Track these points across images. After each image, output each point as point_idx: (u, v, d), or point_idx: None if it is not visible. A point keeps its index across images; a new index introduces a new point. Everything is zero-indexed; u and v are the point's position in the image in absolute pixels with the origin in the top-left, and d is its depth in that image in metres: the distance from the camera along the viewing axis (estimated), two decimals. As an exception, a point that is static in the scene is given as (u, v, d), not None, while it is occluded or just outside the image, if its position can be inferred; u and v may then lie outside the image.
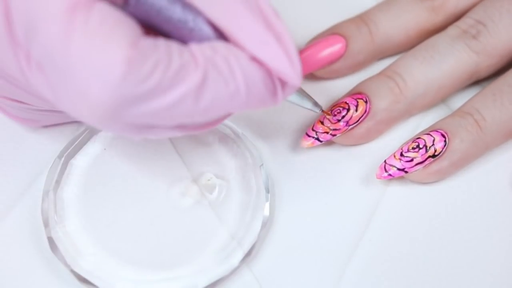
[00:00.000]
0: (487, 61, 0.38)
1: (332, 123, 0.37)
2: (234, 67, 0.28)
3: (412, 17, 0.39)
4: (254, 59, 0.28)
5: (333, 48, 0.39)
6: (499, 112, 0.36)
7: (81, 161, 0.37)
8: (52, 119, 0.37)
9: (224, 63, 0.28)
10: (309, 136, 0.37)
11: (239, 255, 0.35)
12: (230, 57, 0.28)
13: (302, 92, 0.35)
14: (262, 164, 0.37)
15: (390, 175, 0.36)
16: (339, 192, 0.37)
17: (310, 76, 0.40)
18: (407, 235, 0.36)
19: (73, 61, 0.26)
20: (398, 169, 0.36)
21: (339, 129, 0.37)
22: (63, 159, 0.37)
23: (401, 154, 0.36)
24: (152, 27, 0.28)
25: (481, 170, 0.38)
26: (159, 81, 0.26)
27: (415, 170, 0.36)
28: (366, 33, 0.39)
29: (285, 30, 0.28)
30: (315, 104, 0.36)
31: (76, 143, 0.37)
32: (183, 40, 0.28)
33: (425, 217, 0.37)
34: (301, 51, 0.38)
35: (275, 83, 0.29)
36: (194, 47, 0.28)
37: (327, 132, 0.37)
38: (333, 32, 0.39)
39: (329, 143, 0.38)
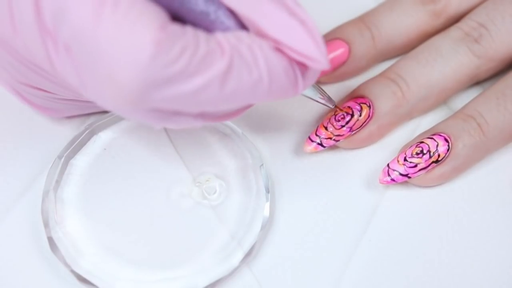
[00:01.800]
0: (487, 65, 0.38)
1: (335, 128, 0.37)
2: (257, 55, 0.28)
3: (414, 21, 0.39)
4: (277, 48, 0.29)
5: (336, 53, 0.38)
6: (503, 117, 0.36)
7: (81, 161, 0.37)
8: (74, 109, 0.37)
9: (248, 51, 0.28)
10: (312, 141, 0.37)
11: (239, 255, 0.35)
12: (253, 46, 0.28)
13: (316, 87, 0.35)
14: (262, 164, 0.37)
15: (393, 179, 0.36)
16: (339, 192, 0.37)
17: None
18: (407, 235, 0.36)
19: (102, 42, 0.26)
20: (401, 174, 0.36)
21: (342, 135, 0.37)
22: (63, 159, 0.37)
23: (405, 159, 0.36)
24: (176, 17, 0.29)
25: (482, 172, 0.38)
26: (186, 65, 0.27)
27: (418, 176, 0.36)
28: (368, 38, 0.39)
29: (308, 16, 0.29)
30: (329, 99, 0.36)
31: (76, 143, 0.37)
32: (206, 30, 0.29)
33: (425, 217, 0.37)
34: None
35: (296, 73, 0.29)
36: (219, 35, 0.28)
37: (330, 138, 0.37)
38: (335, 37, 0.39)
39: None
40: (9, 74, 0.33)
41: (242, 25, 0.29)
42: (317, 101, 0.36)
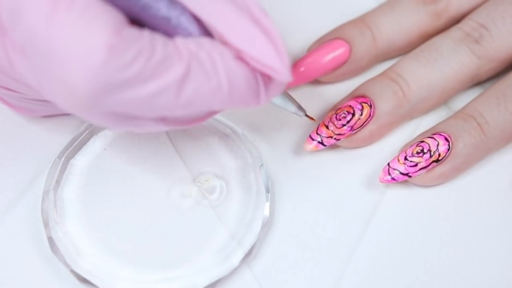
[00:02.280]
0: (488, 65, 0.38)
1: (336, 127, 0.37)
2: (217, 62, 0.28)
3: (415, 21, 0.39)
4: (239, 57, 0.28)
5: (336, 53, 0.38)
6: (503, 116, 0.36)
7: (81, 161, 0.37)
8: (46, 109, 0.36)
9: (208, 58, 0.28)
10: (313, 139, 0.37)
11: (239, 255, 0.35)
12: (214, 53, 0.28)
13: (286, 95, 0.35)
14: (262, 164, 0.37)
15: (393, 178, 0.36)
16: (339, 192, 0.37)
17: (313, 80, 0.40)
18: (407, 235, 0.36)
19: (55, 45, 0.26)
20: (402, 173, 0.36)
21: (343, 134, 0.37)
22: (63, 159, 0.37)
23: (405, 158, 0.36)
24: (137, 21, 0.28)
25: (482, 172, 0.38)
26: (140, 70, 0.26)
27: (419, 175, 0.36)
28: (369, 38, 0.39)
29: (272, 25, 0.28)
30: (299, 107, 0.36)
31: (76, 143, 0.37)
32: (167, 35, 0.28)
33: (425, 217, 0.37)
34: (304, 57, 0.38)
35: (259, 83, 0.29)
36: (179, 40, 0.28)
37: (331, 137, 0.37)
38: (336, 37, 0.39)
39: (329, 143, 0.38)
40: None
41: (207, 32, 0.29)
42: (286, 110, 0.36)
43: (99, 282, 0.34)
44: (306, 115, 0.37)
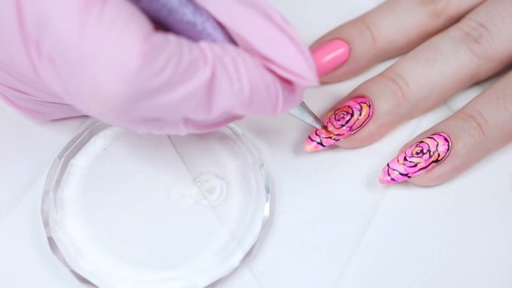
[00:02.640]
0: (487, 65, 0.38)
1: (335, 128, 0.37)
2: (241, 68, 0.28)
3: (414, 21, 0.39)
4: (263, 65, 0.29)
5: (336, 53, 0.38)
6: (502, 116, 0.36)
7: (81, 161, 0.37)
8: (59, 112, 0.37)
9: (232, 62, 0.28)
10: (312, 140, 0.37)
11: (239, 255, 0.35)
12: (238, 59, 0.28)
13: (304, 106, 0.35)
14: (262, 164, 0.37)
15: (393, 179, 0.36)
16: (340, 192, 0.37)
17: None
18: (407, 235, 0.36)
19: (87, 55, 0.26)
20: (401, 173, 0.36)
21: (342, 134, 0.37)
22: (63, 159, 0.37)
23: (405, 159, 0.36)
24: (162, 25, 0.29)
25: (482, 172, 0.38)
26: (171, 75, 0.27)
27: (418, 175, 0.36)
28: (368, 38, 0.39)
29: (297, 33, 0.29)
30: (316, 119, 0.36)
31: (76, 143, 0.37)
32: (192, 40, 0.29)
33: (425, 217, 0.37)
34: None
35: (278, 94, 0.30)
36: (203, 44, 0.28)
37: (330, 137, 0.37)
38: (335, 37, 0.39)
39: (329, 143, 0.38)
40: None
41: (231, 40, 0.29)
42: (303, 121, 0.36)
43: (99, 282, 0.34)
44: (324, 127, 0.37)
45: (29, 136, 0.38)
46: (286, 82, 0.30)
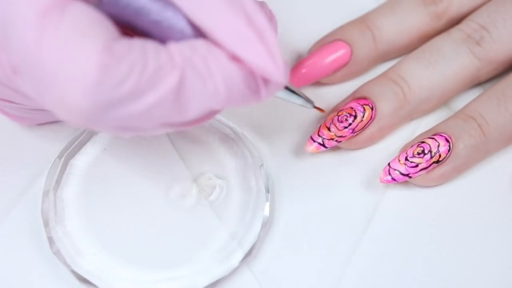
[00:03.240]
0: (488, 67, 0.38)
1: (338, 129, 0.37)
2: (212, 66, 0.27)
3: (415, 22, 0.39)
4: (235, 58, 0.28)
5: (337, 55, 0.38)
6: (503, 118, 0.36)
7: (81, 161, 0.37)
8: (45, 117, 0.36)
9: (203, 62, 0.27)
10: (314, 141, 0.37)
11: (239, 255, 0.35)
12: (209, 57, 0.27)
13: (291, 88, 0.35)
14: (262, 164, 0.37)
15: (393, 179, 0.36)
16: (339, 192, 0.37)
17: (315, 82, 0.40)
18: (407, 235, 0.36)
19: (47, 67, 0.25)
20: (402, 173, 0.36)
21: (345, 136, 0.37)
22: (63, 159, 0.37)
23: (406, 159, 0.36)
24: (128, 26, 0.28)
25: (481, 172, 0.38)
26: (135, 84, 0.26)
27: (419, 175, 0.36)
28: (370, 39, 0.39)
29: (267, 26, 0.28)
30: (307, 99, 0.35)
31: (76, 143, 0.37)
32: (161, 38, 0.28)
33: (425, 217, 0.37)
34: (305, 59, 0.38)
35: (258, 82, 0.29)
36: (172, 46, 0.27)
37: (333, 139, 0.37)
38: (337, 38, 0.39)
39: (329, 143, 0.38)
40: None
41: (201, 33, 0.28)
42: (293, 103, 0.35)
43: (99, 282, 0.34)
44: (315, 107, 0.36)
45: (29, 136, 0.38)
46: None
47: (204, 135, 0.38)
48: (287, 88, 0.34)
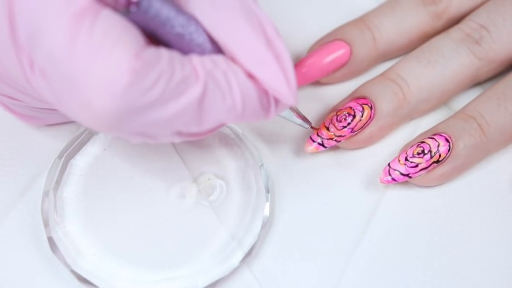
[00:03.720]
0: (488, 66, 0.38)
1: (337, 129, 0.37)
2: (232, 82, 0.28)
3: (415, 22, 0.39)
4: (250, 76, 0.29)
5: (337, 54, 0.38)
6: (503, 117, 0.36)
7: (81, 161, 0.37)
8: (54, 118, 0.37)
9: (223, 77, 0.28)
10: (313, 141, 0.37)
11: (239, 255, 0.35)
12: (228, 72, 0.28)
13: (293, 109, 0.36)
14: (262, 164, 0.37)
15: (393, 179, 0.36)
16: (339, 192, 0.37)
17: (315, 82, 0.40)
18: (407, 235, 0.36)
19: (77, 70, 0.26)
20: (402, 174, 0.36)
21: (344, 136, 0.37)
22: (63, 159, 0.37)
23: (406, 159, 0.36)
24: (153, 36, 0.28)
25: (481, 172, 0.38)
26: (162, 92, 0.26)
27: (419, 175, 0.36)
28: (369, 39, 0.39)
29: (284, 49, 0.29)
30: (305, 120, 0.36)
31: (76, 143, 0.37)
32: (181, 50, 0.29)
33: (425, 218, 0.37)
34: (305, 58, 0.38)
35: (270, 101, 0.30)
36: (195, 59, 0.28)
37: (332, 138, 0.37)
38: (336, 38, 0.39)
39: (329, 143, 0.38)
40: None
41: (219, 49, 0.29)
42: (293, 122, 0.36)
43: (99, 282, 0.34)
44: (312, 127, 0.37)
45: (29, 136, 0.38)
46: None
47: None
48: (290, 108, 0.35)
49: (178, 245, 0.35)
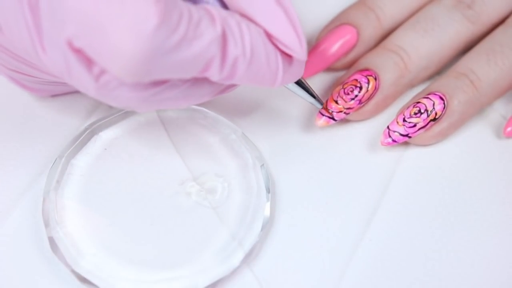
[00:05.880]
0: (481, 30, 0.39)
1: (345, 101, 0.37)
2: (244, 31, 0.29)
3: None
4: (264, 34, 0.30)
5: (345, 39, 0.39)
6: (493, 72, 0.37)
7: (82, 161, 0.37)
8: (59, 88, 0.37)
9: (236, 25, 0.29)
10: (322, 114, 0.37)
11: (240, 255, 0.35)
12: (242, 23, 0.29)
13: (306, 86, 0.36)
14: (263, 164, 0.37)
15: (394, 140, 0.37)
16: (340, 192, 0.37)
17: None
18: (407, 235, 0.36)
19: (105, 19, 0.26)
20: (402, 134, 0.37)
21: (352, 108, 0.37)
22: (63, 159, 0.37)
23: (404, 120, 0.37)
24: None
25: (481, 172, 0.38)
26: (186, 31, 0.27)
27: (418, 135, 0.37)
28: (374, 19, 0.40)
29: (292, 7, 0.30)
30: (318, 100, 0.37)
31: (76, 143, 0.37)
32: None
33: (425, 218, 0.37)
34: (315, 46, 0.39)
35: (278, 63, 0.30)
36: (207, 6, 0.29)
37: (341, 111, 0.37)
38: (342, 23, 0.40)
39: (329, 141, 0.38)
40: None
41: (228, 9, 0.30)
42: (305, 100, 0.36)
43: (99, 282, 0.34)
44: (324, 108, 0.37)
45: (30, 136, 0.38)
46: (286, 55, 0.31)
47: (204, 135, 0.38)
48: (302, 84, 0.36)
49: (178, 245, 0.35)
